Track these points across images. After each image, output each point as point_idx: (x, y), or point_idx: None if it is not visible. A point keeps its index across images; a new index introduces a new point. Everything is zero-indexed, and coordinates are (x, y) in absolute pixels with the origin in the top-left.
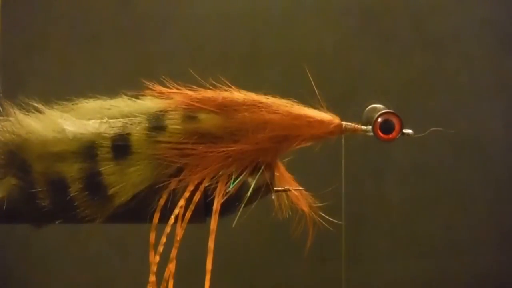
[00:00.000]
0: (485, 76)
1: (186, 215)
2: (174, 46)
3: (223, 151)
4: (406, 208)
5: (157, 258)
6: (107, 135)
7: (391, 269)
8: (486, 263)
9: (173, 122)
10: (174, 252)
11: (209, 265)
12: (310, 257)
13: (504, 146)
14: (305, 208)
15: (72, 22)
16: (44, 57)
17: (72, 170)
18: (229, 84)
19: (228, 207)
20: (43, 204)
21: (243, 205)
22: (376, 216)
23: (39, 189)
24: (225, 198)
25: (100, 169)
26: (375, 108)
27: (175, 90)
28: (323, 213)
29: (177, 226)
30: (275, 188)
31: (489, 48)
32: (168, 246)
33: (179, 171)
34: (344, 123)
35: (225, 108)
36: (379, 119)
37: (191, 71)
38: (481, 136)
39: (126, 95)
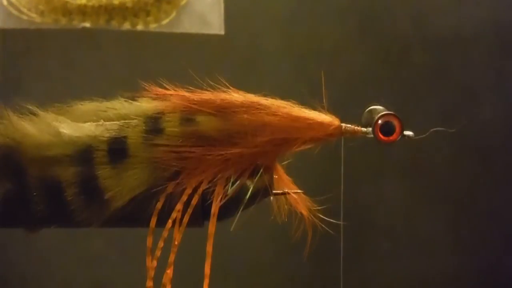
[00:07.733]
0: (485, 76)
1: (184, 219)
2: (172, 47)
3: (222, 154)
4: (406, 208)
5: (155, 263)
6: (103, 138)
7: (391, 269)
8: (487, 263)
9: (171, 125)
10: (172, 257)
11: (207, 270)
12: (310, 259)
13: (504, 146)
14: (304, 211)
15: None
16: (44, 57)
17: (67, 174)
18: (228, 85)
19: (226, 211)
20: (37, 208)
21: (241, 209)
22: (376, 216)
23: (34, 194)
24: (223, 201)
25: (96, 173)
26: (375, 110)
27: (172, 92)
28: (323, 215)
29: (175, 230)
30: (274, 191)
31: (489, 48)
32: (166, 250)
33: (177, 174)
34: (343, 125)
35: (223, 110)
36: (379, 121)
37: (190, 71)
38: (481, 136)
39: (123, 96)
